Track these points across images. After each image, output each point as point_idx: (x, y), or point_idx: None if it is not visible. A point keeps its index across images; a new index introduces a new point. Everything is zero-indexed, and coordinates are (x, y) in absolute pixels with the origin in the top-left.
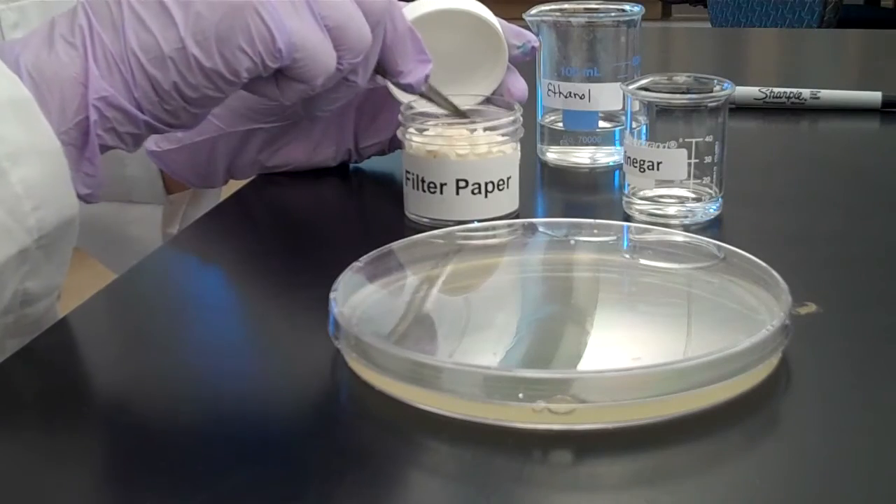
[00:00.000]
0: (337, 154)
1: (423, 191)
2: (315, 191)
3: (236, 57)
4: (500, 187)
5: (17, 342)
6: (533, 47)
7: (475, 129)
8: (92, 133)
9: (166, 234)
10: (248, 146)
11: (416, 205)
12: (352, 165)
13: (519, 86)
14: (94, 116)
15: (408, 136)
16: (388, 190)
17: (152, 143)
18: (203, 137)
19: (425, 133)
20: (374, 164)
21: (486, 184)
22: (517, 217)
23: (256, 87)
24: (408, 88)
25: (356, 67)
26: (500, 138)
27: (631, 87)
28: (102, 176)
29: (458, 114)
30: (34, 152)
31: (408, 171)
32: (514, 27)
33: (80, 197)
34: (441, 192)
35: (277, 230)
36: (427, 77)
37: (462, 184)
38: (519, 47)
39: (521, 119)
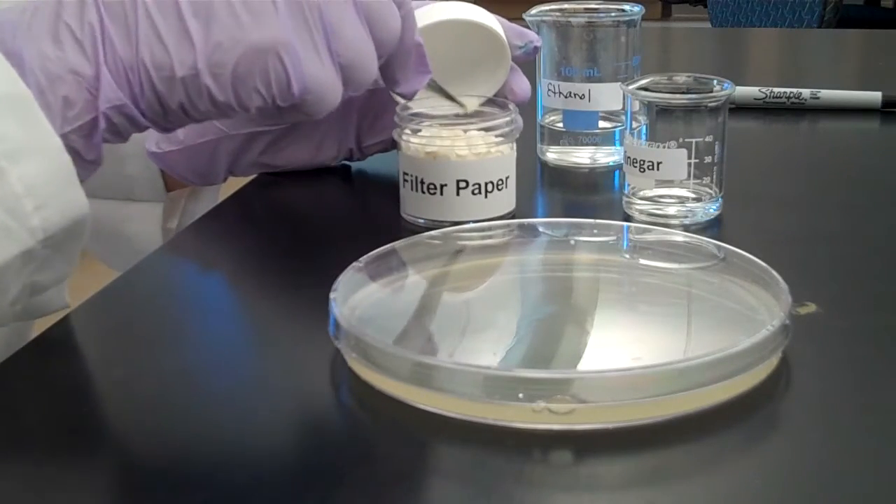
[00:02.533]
0: (339, 153)
1: (422, 192)
2: (315, 191)
3: (249, 96)
4: (500, 187)
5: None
6: (535, 47)
7: (469, 130)
8: (98, 136)
9: (166, 229)
10: (250, 148)
11: (415, 206)
12: (353, 166)
13: (522, 85)
14: (102, 123)
15: (404, 137)
16: (389, 190)
17: (153, 144)
18: (204, 139)
19: (421, 134)
20: (375, 164)
21: (486, 184)
22: (513, 216)
23: (258, 112)
24: (402, 97)
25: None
26: (498, 138)
27: (631, 87)
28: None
29: (461, 109)
30: (34, 150)
31: (405, 173)
32: (515, 27)
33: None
34: (441, 194)
35: (277, 230)
36: (422, 86)
37: (462, 184)
38: (521, 47)
39: (518, 118)
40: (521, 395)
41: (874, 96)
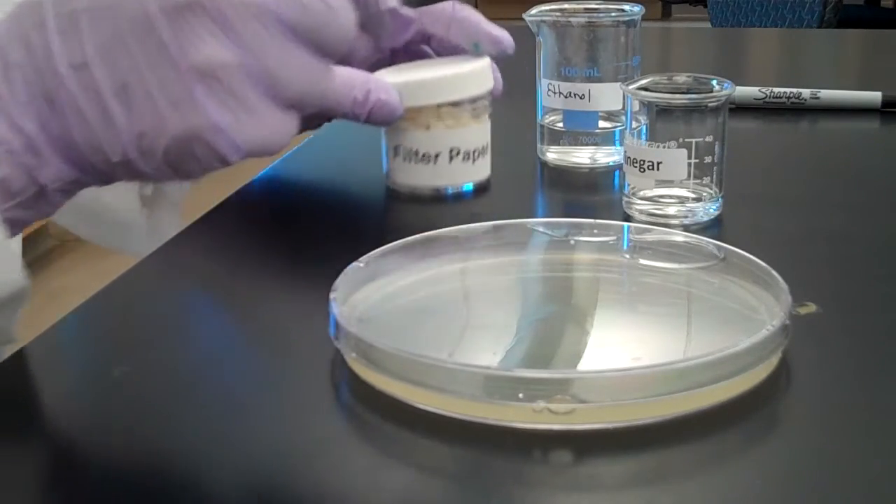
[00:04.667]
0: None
1: (416, 162)
2: (316, 190)
3: (189, 174)
4: (483, 153)
5: None
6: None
7: (460, 103)
8: (46, 202)
9: (142, 195)
10: None
11: (407, 175)
12: (357, 166)
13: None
14: (55, 195)
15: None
16: (390, 189)
17: None
18: None
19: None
20: (375, 163)
21: (473, 151)
22: (488, 184)
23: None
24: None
25: None
26: (482, 110)
27: (631, 87)
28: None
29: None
30: None
31: (397, 146)
32: (492, 34)
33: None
34: (435, 162)
35: (278, 230)
36: (408, 35)
37: (455, 152)
38: (494, 56)
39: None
40: (521, 395)
41: (874, 96)
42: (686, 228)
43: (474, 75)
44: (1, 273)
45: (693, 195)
